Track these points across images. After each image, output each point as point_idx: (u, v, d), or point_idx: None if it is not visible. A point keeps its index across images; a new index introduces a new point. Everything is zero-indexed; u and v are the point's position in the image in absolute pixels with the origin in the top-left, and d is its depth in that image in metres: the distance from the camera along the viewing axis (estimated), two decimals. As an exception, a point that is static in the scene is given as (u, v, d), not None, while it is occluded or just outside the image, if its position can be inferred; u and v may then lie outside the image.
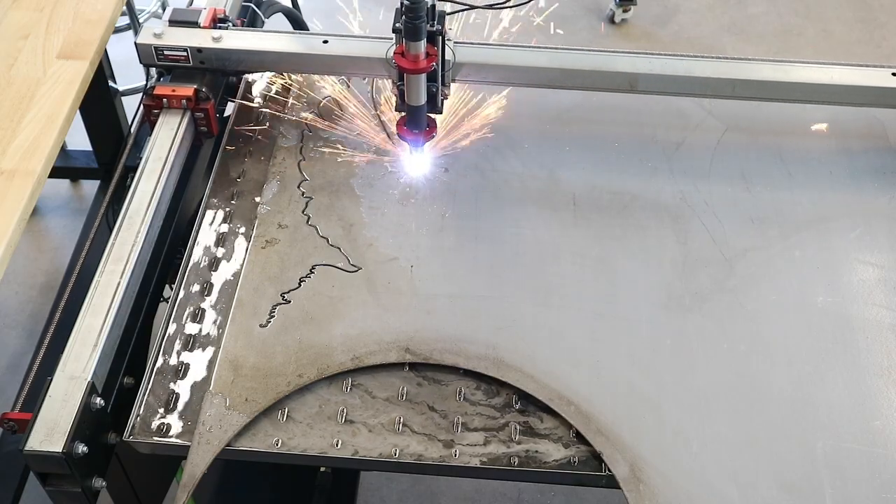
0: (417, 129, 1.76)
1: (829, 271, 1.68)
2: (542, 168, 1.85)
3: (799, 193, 1.81)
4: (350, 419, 1.47)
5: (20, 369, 2.79)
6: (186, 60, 1.83)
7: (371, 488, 2.62)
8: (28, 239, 3.17)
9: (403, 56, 1.62)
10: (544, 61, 1.82)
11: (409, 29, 1.55)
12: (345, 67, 1.88)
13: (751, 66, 1.84)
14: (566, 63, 1.82)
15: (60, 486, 1.38)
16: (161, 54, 1.83)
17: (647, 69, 1.81)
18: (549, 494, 2.63)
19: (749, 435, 1.45)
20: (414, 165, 1.83)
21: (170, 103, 1.81)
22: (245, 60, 1.86)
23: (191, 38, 1.83)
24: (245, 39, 1.86)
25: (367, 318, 1.58)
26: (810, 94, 1.84)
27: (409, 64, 1.62)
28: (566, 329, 1.58)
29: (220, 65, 1.85)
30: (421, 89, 1.68)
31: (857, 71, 1.83)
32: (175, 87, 1.81)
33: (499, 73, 1.83)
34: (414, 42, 1.58)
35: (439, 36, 1.62)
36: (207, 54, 1.83)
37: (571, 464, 1.43)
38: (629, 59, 1.82)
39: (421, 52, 1.60)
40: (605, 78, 1.82)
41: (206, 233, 1.72)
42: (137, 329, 1.58)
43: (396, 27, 1.59)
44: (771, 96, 1.86)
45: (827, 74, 1.82)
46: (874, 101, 1.86)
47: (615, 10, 3.93)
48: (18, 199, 1.62)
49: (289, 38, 1.88)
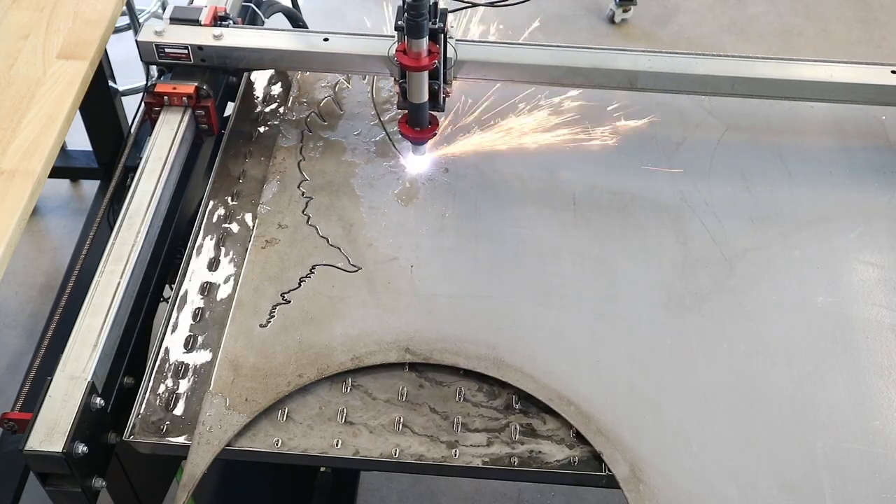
0: (419, 126, 1.76)
1: (829, 271, 1.68)
2: (542, 168, 1.85)
3: (799, 193, 1.81)
4: (350, 419, 1.47)
5: (20, 369, 2.79)
6: (187, 58, 1.83)
7: (371, 488, 2.62)
8: (28, 239, 3.17)
9: (405, 54, 1.62)
10: (546, 59, 1.82)
11: (410, 26, 1.55)
12: (345, 65, 1.88)
13: (750, 63, 1.84)
14: (568, 61, 1.82)
15: (60, 486, 1.38)
16: (162, 52, 1.83)
17: (647, 67, 1.81)
18: (549, 494, 2.62)
19: (749, 435, 1.45)
20: (415, 164, 1.83)
21: (171, 101, 1.81)
22: (246, 58, 1.86)
23: (192, 35, 1.83)
24: (246, 37, 1.86)
25: (367, 318, 1.58)
26: (810, 91, 1.85)
27: (411, 61, 1.62)
28: (566, 329, 1.58)
29: (221, 62, 1.85)
30: (423, 87, 1.68)
31: (857, 68, 1.84)
32: (176, 84, 1.82)
33: (500, 70, 1.83)
34: (416, 40, 1.58)
35: (441, 34, 1.62)
36: (208, 52, 1.83)
37: (571, 464, 1.43)
38: (630, 57, 1.82)
39: (423, 49, 1.60)
40: (606, 75, 1.82)
41: (205, 233, 1.73)
42: (137, 329, 1.58)
43: (399, 25, 1.58)
44: (770, 94, 1.87)
45: (826, 72, 1.83)
46: (874, 99, 1.86)
47: (615, 10, 3.93)
48: (18, 199, 1.62)
49: (289, 36, 1.89)
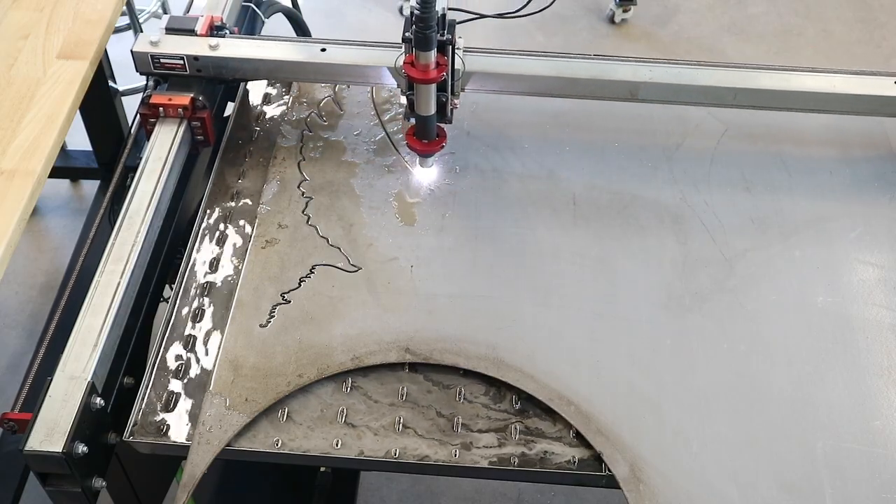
0: (427, 139, 1.74)
1: (829, 271, 1.68)
2: (542, 168, 1.85)
3: (799, 193, 1.81)
4: (350, 419, 1.47)
5: (20, 369, 2.79)
6: (183, 69, 1.80)
7: (371, 488, 2.62)
8: (28, 239, 3.17)
9: (413, 66, 1.59)
10: (544, 70, 1.80)
11: (419, 39, 1.53)
12: (343, 75, 1.86)
13: (752, 74, 1.81)
14: (571, 72, 1.80)
15: (60, 486, 1.38)
16: (157, 62, 1.80)
17: (648, 77, 1.79)
18: (549, 494, 2.62)
19: (749, 435, 1.45)
20: (423, 174, 1.82)
21: (166, 112, 1.77)
22: (242, 69, 1.83)
23: (187, 46, 1.80)
24: (242, 48, 1.83)
25: (367, 318, 1.58)
26: (811, 102, 1.82)
27: (419, 74, 1.59)
28: (566, 329, 1.58)
29: (217, 73, 1.82)
30: (430, 99, 1.65)
31: (859, 79, 1.81)
32: (172, 95, 1.78)
33: (507, 82, 1.81)
34: (424, 52, 1.56)
35: (449, 45, 1.59)
36: (204, 62, 1.80)
37: (571, 464, 1.43)
38: (630, 68, 1.80)
39: (431, 62, 1.58)
40: (606, 87, 1.81)
41: (205, 233, 1.73)
42: (137, 329, 1.58)
43: (406, 37, 1.56)
44: (772, 105, 1.84)
45: (829, 83, 1.80)
46: (876, 110, 1.84)
47: (615, 10, 3.92)
48: (18, 199, 1.62)
49: (286, 46, 1.86)
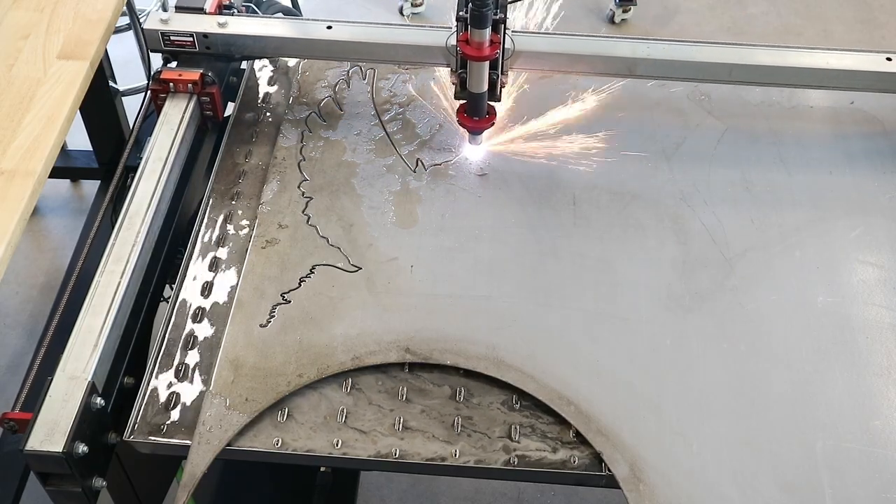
0: (478, 116, 1.79)
1: (829, 271, 1.68)
2: (542, 168, 1.85)
3: (799, 193, 1.81)
4: (350, 419, 1.47)
5: (20, 369, 2.79)
6: (192, 46, 1.87)
7: (371, 488, 2.62)
8: (28, 239, 3.17)
9: (468, 43, 1.65)
10: (552, 46, 1.86)
11: (475, 16, 1.58)
12: (348, 53, 1.92)
13: (747, 50, 1.88)
14: (573, 48, 1.86)
15: (61, 486, 1.38)
16: (168, 40, 1.86)
17: (646, 54, 1.84)
18: (549, 494, 2.62)
19: (749, 435, 1.45)
20: (472, 152, 1.87)
21: (176, 87, 1.84)
22: (250, 46, 1.90)
23: (197, 23, 1.87)
24: (250, 25, 1.90)
25: (367, 318, 1.58)
26: (806, 78, 1.88)
27: (474, 51, 1.65)
28: (566, 329, 1.58)
29: (226, 50, 1.89)
30: (483, 77, 1.71)
31: (853, 56, 1.86)
32: (182, 71, 1.85)
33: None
34: (479, 30, 1.61)
35: (502, 24, 1.65)
36: (213, 40, 1.86)
37: (571, 464, 1.43)
38: (629, 45, 1.86)
39: (485, 39, 1.63)
40: (605, 63, 1.87)
41: (206, 233, 1.73)
42: (137, 329, 1.58)
43: (461, 15, 1.62)
44: (767, 81, 1.90)
45: (823, 59, 1.85)
46: (869, 86, 1.89)
47: (615, 10, 3.92)
48: (18, 199, 1.62)
49: (292, 24, 1.93)
